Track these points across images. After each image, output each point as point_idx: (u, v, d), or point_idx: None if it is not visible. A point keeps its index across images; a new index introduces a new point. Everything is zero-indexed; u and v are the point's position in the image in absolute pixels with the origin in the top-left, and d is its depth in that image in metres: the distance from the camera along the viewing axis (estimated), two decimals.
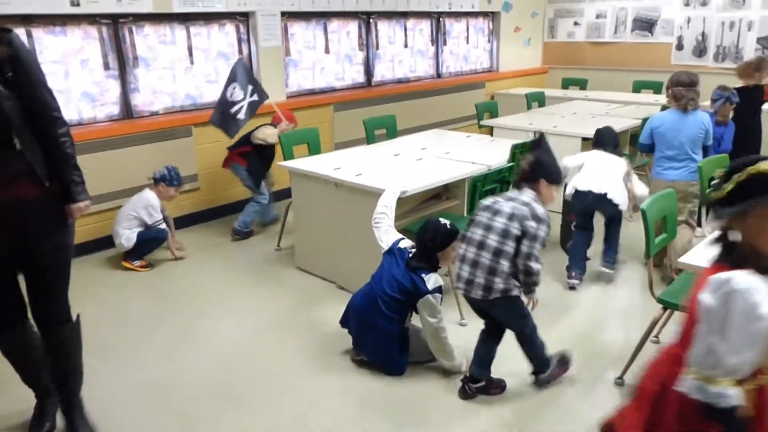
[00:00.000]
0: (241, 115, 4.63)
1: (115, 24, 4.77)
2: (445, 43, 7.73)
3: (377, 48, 6.89)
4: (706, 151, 4.09)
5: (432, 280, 2.96)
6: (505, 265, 2.61)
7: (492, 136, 5.55)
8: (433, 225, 3.00)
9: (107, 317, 3.68)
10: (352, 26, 6.60)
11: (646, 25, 8.19)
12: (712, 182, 1.80)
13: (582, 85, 8.29)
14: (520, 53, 8.79)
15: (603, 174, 3.86)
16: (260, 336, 3.47)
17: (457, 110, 7.52)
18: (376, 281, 3.07)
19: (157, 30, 5.04)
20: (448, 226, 2.98)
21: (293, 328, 3.53)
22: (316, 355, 3.25)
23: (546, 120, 5.79)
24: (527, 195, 2.69)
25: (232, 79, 4.64)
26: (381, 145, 4.89)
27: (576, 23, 8.82)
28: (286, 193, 4.99)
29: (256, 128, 4.83)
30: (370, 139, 5.18)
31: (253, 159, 4.79)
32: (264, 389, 2.97)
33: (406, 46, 7.23)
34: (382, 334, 3.00)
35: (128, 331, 3.54)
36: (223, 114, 4.64)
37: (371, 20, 6.72)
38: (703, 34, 7.76)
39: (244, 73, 4.68)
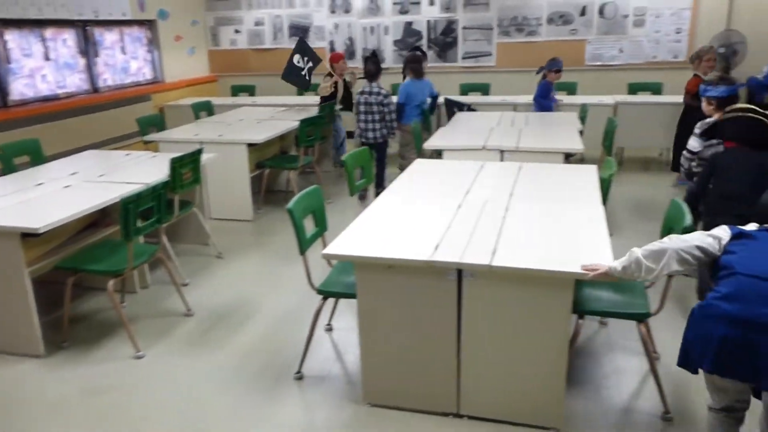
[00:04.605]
0: (308, 77, 6.70)
1: None
2: (97, 55, 7.12)
3: (9, 62, 6.00)
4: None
5: None
6: (383, 122, 5.67)
7: (158, 151, 5.30)
8: None
9: None
10: None
11: (300, 31, 8.71)
12: None
13: (251, 91, 8.48)
14: (186, 62, 8.59)
15: None
16: None
17: (120, 127, 6.99)
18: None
19: None
20: None
21: None
22: None
23: (213, 129, 5.75)
24: (377, 84, 5.59)
25: (297, 51, 6.65)
26: (23, 174, 4.26)
27: (237, 31, 8.96)
28: None
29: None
30: (8, 169, 4.48)
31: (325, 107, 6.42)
32: None
33: (47, 58, 6.45)
34: None
35: None
36: (293, 74, 6.67)
37: None
38: (350, 38, 8.59)
39: (306, 48, 6.72)
